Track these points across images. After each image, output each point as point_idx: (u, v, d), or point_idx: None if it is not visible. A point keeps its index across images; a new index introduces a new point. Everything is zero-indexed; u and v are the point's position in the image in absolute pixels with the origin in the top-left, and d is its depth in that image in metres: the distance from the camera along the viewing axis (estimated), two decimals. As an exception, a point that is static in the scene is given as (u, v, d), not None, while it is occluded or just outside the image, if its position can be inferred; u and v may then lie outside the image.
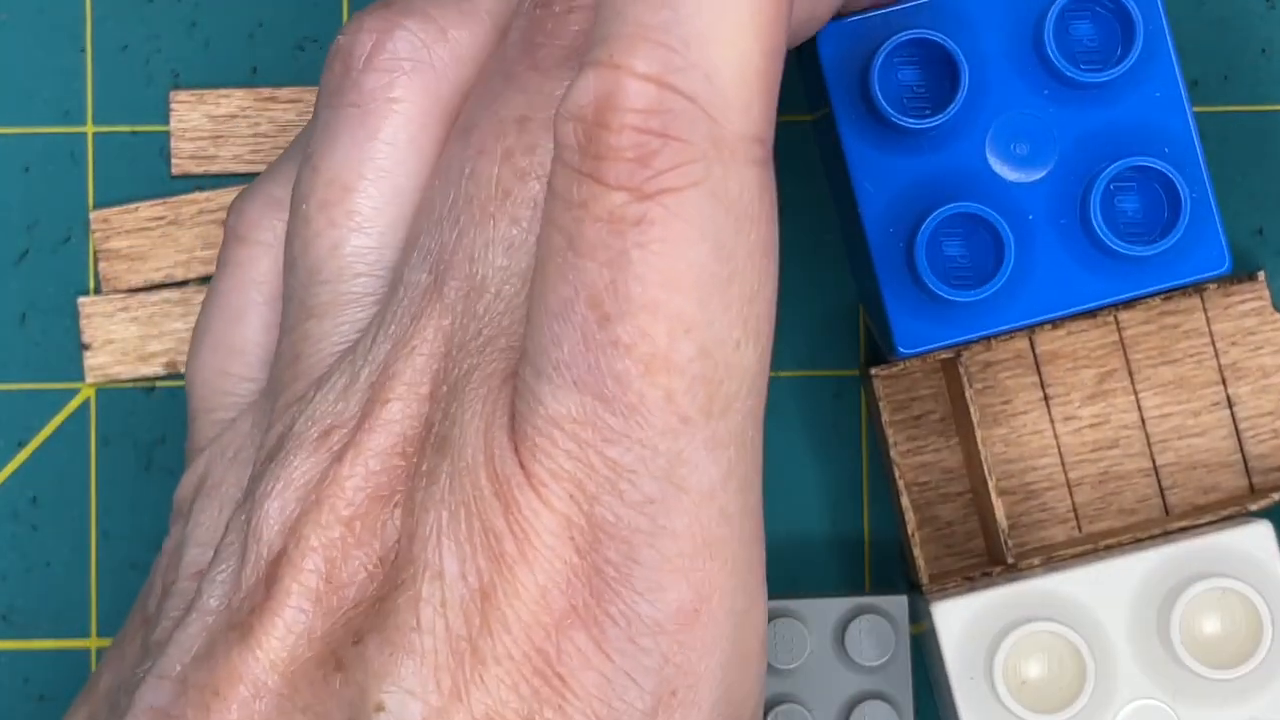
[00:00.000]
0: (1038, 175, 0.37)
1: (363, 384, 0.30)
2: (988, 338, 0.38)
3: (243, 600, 0.30)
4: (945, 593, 0.39)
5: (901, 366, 0.39)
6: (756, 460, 0.29)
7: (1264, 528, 0.38)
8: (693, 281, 0.27)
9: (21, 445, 0.42)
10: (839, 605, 0.40)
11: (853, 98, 0.37)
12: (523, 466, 0.28)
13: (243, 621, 0.30)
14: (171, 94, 0.42)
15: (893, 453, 0.40)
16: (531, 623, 0.28)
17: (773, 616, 0.40)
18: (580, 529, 0.28)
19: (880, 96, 0.36)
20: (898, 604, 0.40)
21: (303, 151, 0.33)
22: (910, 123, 0.36)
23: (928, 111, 0.36)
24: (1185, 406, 0.41)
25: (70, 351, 0.42)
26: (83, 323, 0.42)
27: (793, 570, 0.42)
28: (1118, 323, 0.41)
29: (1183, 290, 0.39)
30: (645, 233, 0.27)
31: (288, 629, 0.29)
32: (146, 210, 0.42)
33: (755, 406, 0.29)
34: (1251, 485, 0.41)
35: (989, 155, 0.37)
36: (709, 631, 0.28)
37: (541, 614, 0.28)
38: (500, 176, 0.30)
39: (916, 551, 0.40)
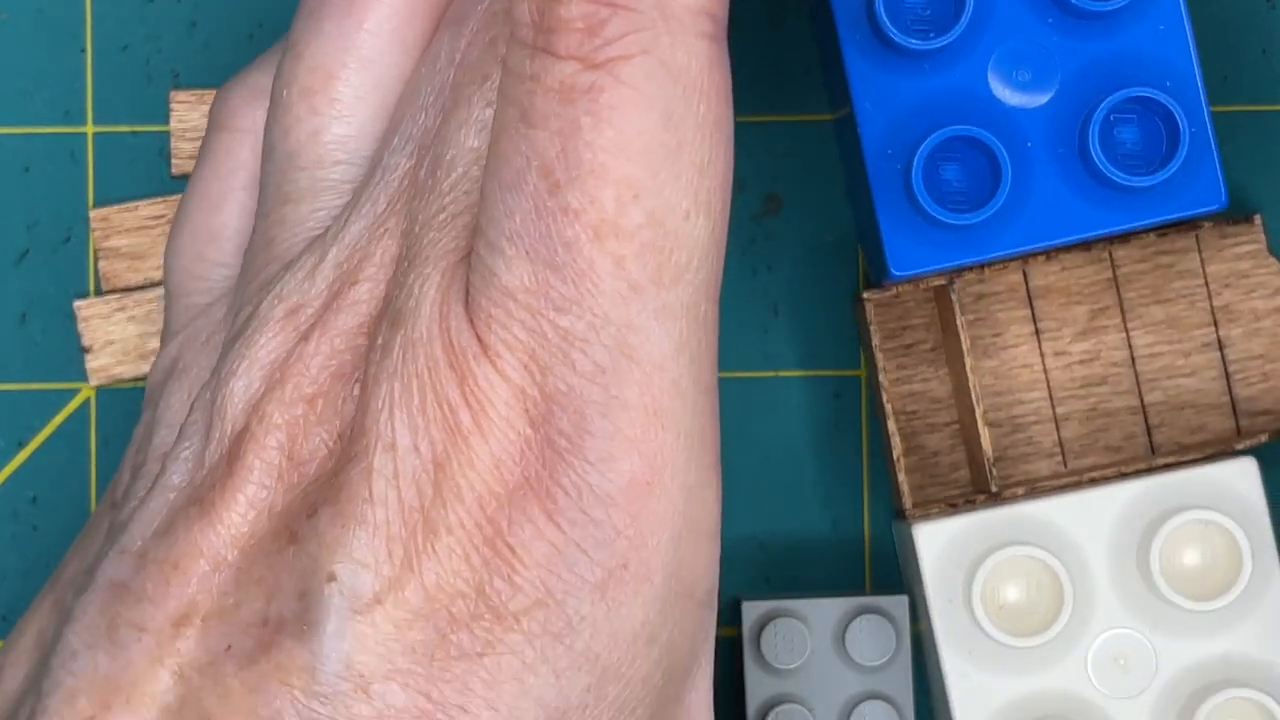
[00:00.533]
0: (1039, 102, 0.37)
1: (330, 264, 0.31)
2: (981, 264, 0.38)
3: (205, 476, 0.30)
4: (928, 516, 0.39)
5: (894, 293, 0.39)
6: (710, 337, 0.29)
7: (1249, 463, 0.39)
8: (641, 148, 0.28)
9: (21, 445, 0.42)
10: (840, 605, 0.40)
11: (857, 17, 0.37)
12: (478, 338, 0.28)
13: (204, 497, 0.30)
14: (172, 94, 0.42)
15: (881, 378, 0.40)
16: (484, 493, 0.28)
17: (773, 617, 0.40)
18: (534, 400, 0.28)
19: (884, 16, 0.36)
20: (898, 604, 0.40)
21: (287, 39, 0.33)
22: (914, 43, 0.36)
23: (932, 34, 0.37)
24: (1176, 346, 0.41)
25: (70, 352, 0.42)
26: (81, 326, 0.42)
27: (793, 570, 0.42)
28: (1112, 260, 0.41)
29: (1178, 229, 0.39)
30: (595, 100, 0.27)
31: (249, 504, 0.29)
32: (146, 209, 0.42)
33: (707, 280, 0.29)
34: (1239, 427, 0.41)
35: (991, 80, 0.38)
36: (661, 504, 0.28)
37: (494, 485, 0.28)
38: (481, 61, 0.30)
39: (901, 477, 0.40)
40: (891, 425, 0.40)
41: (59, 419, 0.42)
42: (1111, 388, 0.41)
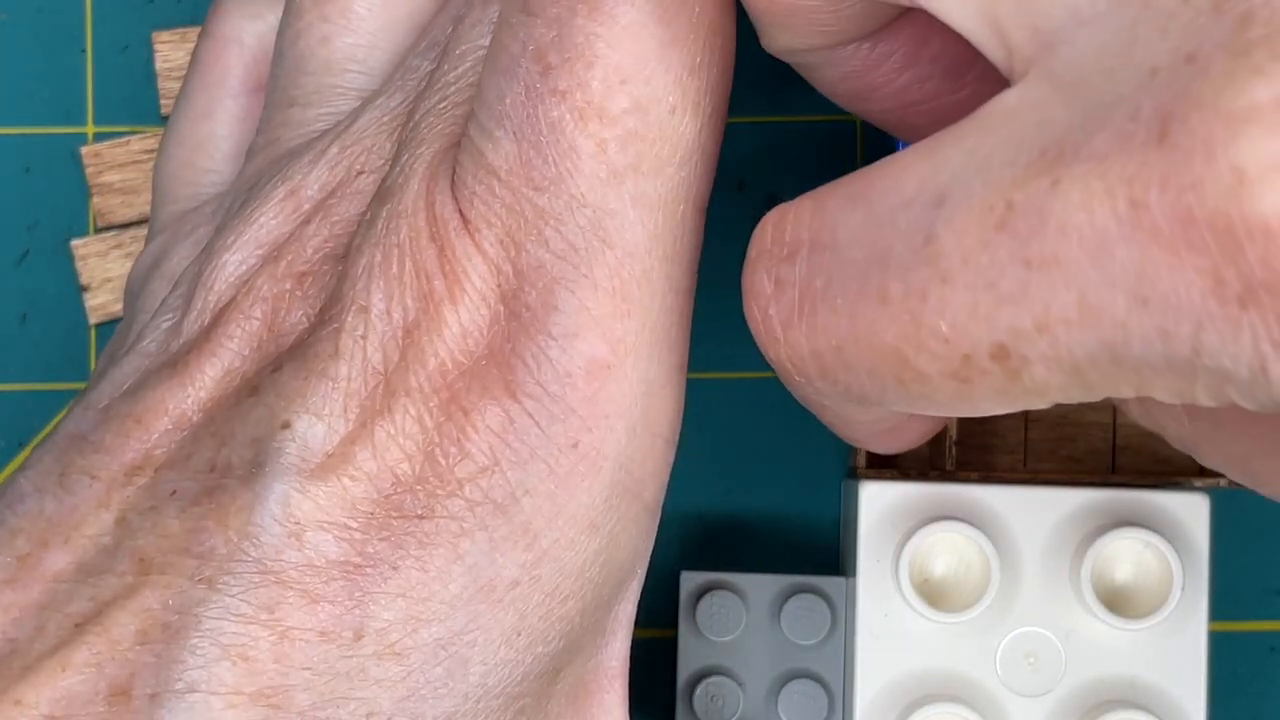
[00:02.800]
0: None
1: (336, 151, 0.31)
2: None
3: (182, 344, 0.30)
4: (878, 477, 0.39)
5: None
6: (688, 239, 0.29)
7: (1202, 499, 0.38)
8: (632, 38, 0.28)
9: (22, 445, 0.42)
10: (778, 582, 0.40)
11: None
12: (460, 213, 0.29)
13: (179, 361, 0.30)
14: (154, 34, 0.42)
15: None
16: (447, 360, 0.28)
17: (710, 589, 0.40)
18: (506, 275, 0.28)
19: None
20: (836, 585, 0.40)
21: None
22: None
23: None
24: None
25: (71, 351, 0.42)
26: (78, 264, 0.42)
27: (793, 570, 0.41)
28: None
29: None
30: None
31: (224, 369, 0.30)
32: (138, 144, 0.42)
33: (690, 181, 0.29)
34: (1201, 467, 0.41)
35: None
36: (619, 390, 0.28)
37: (458, 353, 0.28)
38: None
39: None
40: None
41: (59, 419, 0.42)
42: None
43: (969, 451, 0.41)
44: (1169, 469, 0.41)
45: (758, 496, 0.42)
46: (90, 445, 0.30)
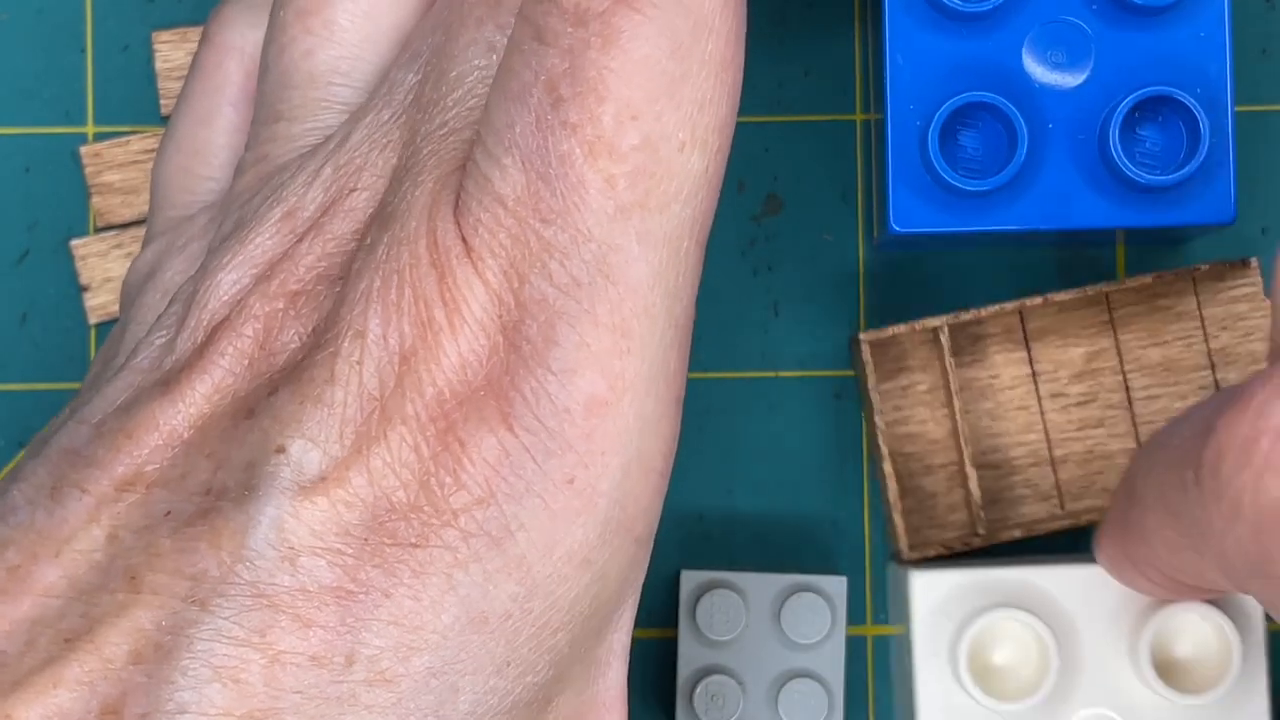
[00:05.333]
0: (1068, 84, 0.38)
1: (330, 170, 0.31)
2: (980, 234, 0.38)
3: (174, 361, 0.30)
4: (926, 564, 0.39)
5: (891, 334, 0.40)
6: (690, 275, 0.29)
7: None
8: (645, 73, 0.28)
9: (22, 445, 0.42)
10: (778, 582, 0.40)
11: None
12: (463, 240, 0.28)
13: (171, 378, 0.30)
14: (154, 35, 0.42)
15: (877, 419, 0.40)
16: (445, 389, 0.28)
17: (710, 588, 0.40)
18: (508, 306, 0.28)
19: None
20: (836, 584, 0.40)
21: None
22: (957, 4, 0.37)
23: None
24: (1173, 389, 0.41)
25: (71, 351, 0.42)
26: (78, 264, 0.42)
27: (792, 569, 0.42)
28: (1108, 302, 0.41)
29: (1175, 273, 0.40)
30: (606, 23, 0.28)
31: (214, 387, 0.30)
32: (138, 143, 0.42)
33: (694, 217, 0.29)
34: None
35: (1025, 54, 0.38)
36: (615, 427, 0.28)
37: (456, 382, 0.28)
38: None
39: (898, 520, 0.40)
40: (887, 468, 0.40)
41: (50, 425, 0.42)
42: (1108, 430, 0.41)
43: (1005, 508, 0.41)
44: None
45: (758, 496, 0.42)
46: (82, 459, 0.30)
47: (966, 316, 0.39)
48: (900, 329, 0.39)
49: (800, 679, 0.40)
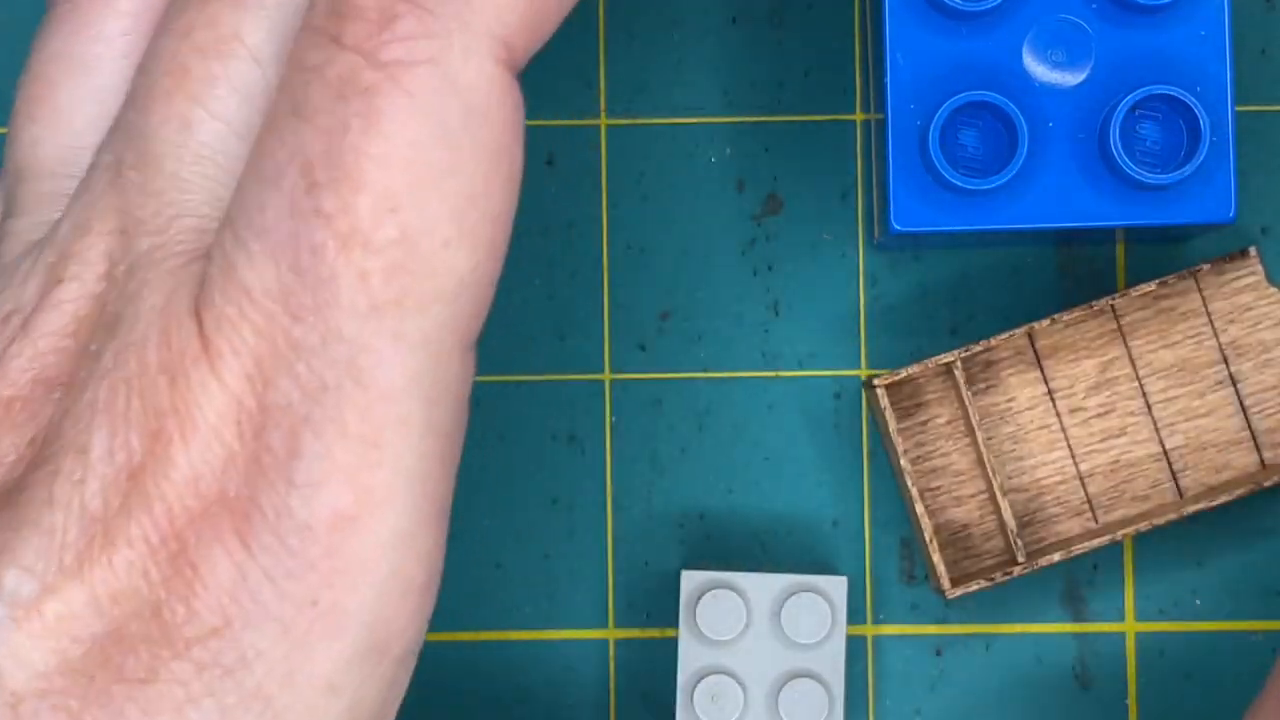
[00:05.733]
0: (1068, 83, 0.38)
1: (41, 267, 0.29)
2: (980, 233, 0.38)
3: None
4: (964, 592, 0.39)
5: (904, 375, 0.39)
6: (454, 381, 0.27)
7: None
8: (408, 161, 0.26)
9: None
10: (778, 582, 0.40)
11: None
12: (202, 336, 0.26)
13: None
14: None
15: (903, 460, 0.40)
16: (176, 507, 0.26)
17: (710, 588, 0.40)
18: (249, 412, 0.26)
19: None
20: (836, 584, 0.40)
21: None
22: (957, 2, 0.37)
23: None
24: (1190, 388, 0.41)
25: None
26: None
27: (792, 569, 0.42)
28: (1114, 311, 0.41)
29: (1177, 275, 0.40)
30: (369, 103, 0.26)
31: None
32: None
33: (459, 318, 0.27)
34: (1263, 460, 0.41)
35: (1025, 53, 0.38)
36: (365, 544, 0.26)
37: (188, 498, 0.26)
38: (180, 52, 0.29)
39: (936, 558, 0.39)
40: (919, 508, 0.40)
41: None
42: (1131, 437, 0.41)
43: (1039, 529, 0.41)
44: (1233, 474, 0.41)
45: (758, 496, 0.42)
46: None
47: (977, 348, 0.39)
48: (914, 369, 0.39)
49: (800, 679, 0.40)
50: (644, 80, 0.37)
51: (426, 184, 0.26)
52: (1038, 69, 0.38)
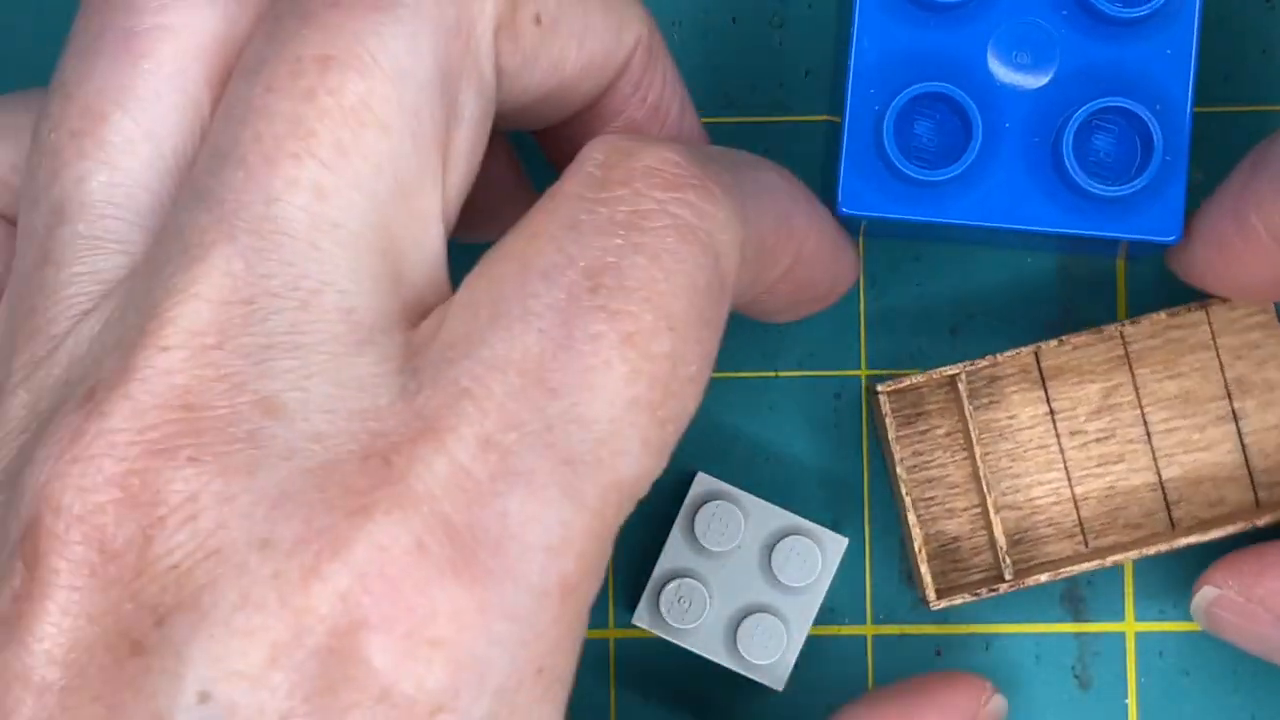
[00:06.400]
0: (1029, 85, 0.37)
1: (131, 330, 0.27)
2: (925, 225, 0.38)
3: (5, 588, 0.26)
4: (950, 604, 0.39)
5: (908, 382, 0.39)
6: (604, 541, 0.28)
7: None
8: (688, 298, 0.28)
9: None
10: (783, 519, 0.40)
11: None
12: (420, 415, 0.27)
13: (9, 612, 0.26)
14: None
15: (899, 469, 0.40)
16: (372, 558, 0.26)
17: (718, 497, 0.40)
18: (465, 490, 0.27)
19: None
20: (836, 542, 0.40)
21: (55, 77, 0.30)
22: None
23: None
24: (1191, 421, 0.41)
25: None
26: None
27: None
28: (1123, 337, 0.41)
29: (1188, 306, 0.39)
30: (661, 240, 0.28)
31: (62, 612, 0.26)
32: None
33: (671, 443, 0.29)
34: (1257, 499, 0.41)
35: (990, 52, 0.38)
36: (582, 612, 0.28)
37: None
38: (302, 116, 0.28)
39: (923, 569, 0.40)
40: (911, 518, 0.40)
41: None
42: (1129, 465, 0.41)
43: (1029, 548, 0.41)
44: (1226, 510, 0.41)
45: (757, 496, 0.41)
46: None
47: (982, 363, 0.39)
48: (918, 378, 0.39)
49: (767, 614, 0.40)
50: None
51: (694, 322, 0.28)
52: (1000, 69, 0.37)
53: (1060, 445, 0.41)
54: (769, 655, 0.40)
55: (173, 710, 0.25)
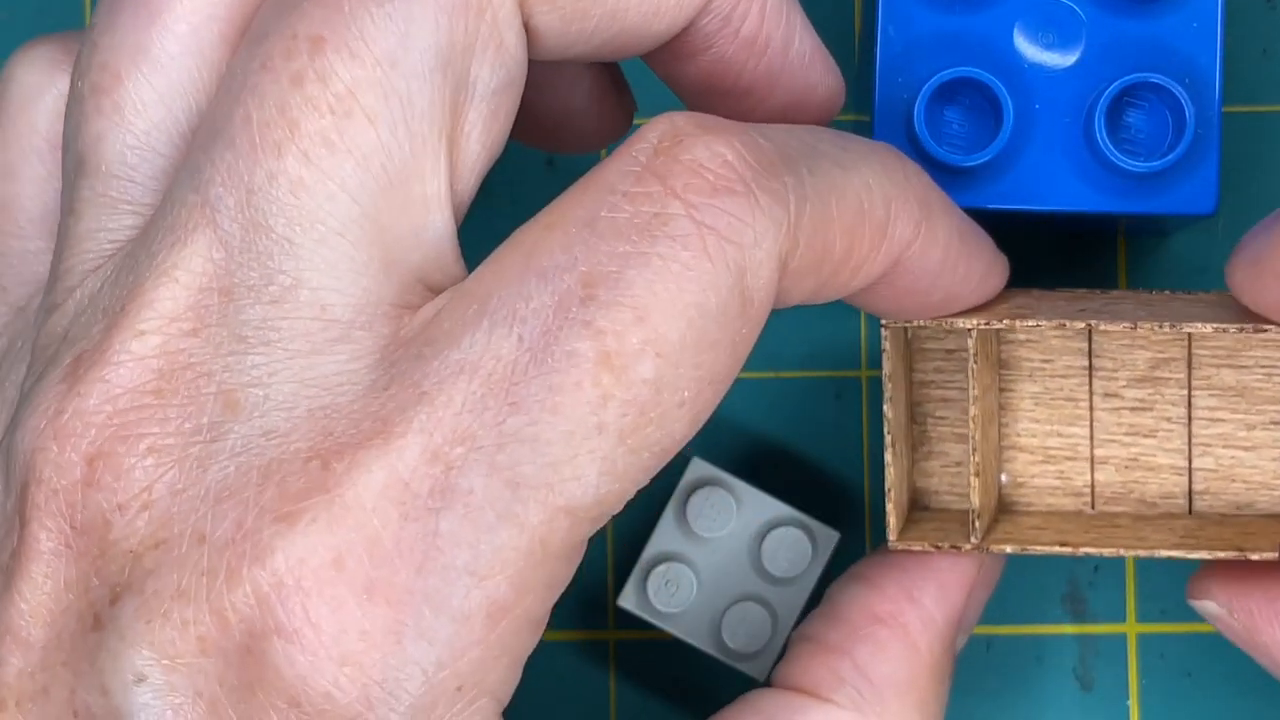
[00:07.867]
0: (1058, 65, 0.37)
1: (113, 304, 0.28)
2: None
3: (6, 544, 0.28)
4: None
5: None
6: (567, 564, 0.28)
7: None
8: (688, 319, 0.27)
9: None
10: (776, 509, 0.40)
11: None
12: (376, 416, 0.27)
13: (7, 565, 0.28)
14: None
15: (886, 408, 0.37)
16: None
17: (710, 483, 0.40)
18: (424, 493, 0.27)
19: None
20: (828, 535, 0.40)
21: (91, 19, 0.31)
22: None
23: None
24: (1241, 416, 0.38)
25: None
26: None
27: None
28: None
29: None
30: (675, 251, 0.27)
31: (45, 576, 0.27)
32: None
33: (651, 473, 0.28)
34: None
35: (1017, 33, 0.37)
36: (512, 630, 0.27)
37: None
38: (288, 104, 0.28)
39: (889, 506, 0.37)
40: (888, 456, 0.37)
41: None
42: (1160, 442, 0.38)
43: (1031, 495, 0.39)
44: (1250, 515, 0.38)
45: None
46: None
47: (1029, 294, 0.37)
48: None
49: (755, 603, 0.40)
50: (644, 80, 0.36)
51: (691, 346, 0.27)
52: (1028, 50, 0.37)
53: (1091, 403, 0.38)
54: (753, 645, 0.40)
55: (113, 687, 0.26)
